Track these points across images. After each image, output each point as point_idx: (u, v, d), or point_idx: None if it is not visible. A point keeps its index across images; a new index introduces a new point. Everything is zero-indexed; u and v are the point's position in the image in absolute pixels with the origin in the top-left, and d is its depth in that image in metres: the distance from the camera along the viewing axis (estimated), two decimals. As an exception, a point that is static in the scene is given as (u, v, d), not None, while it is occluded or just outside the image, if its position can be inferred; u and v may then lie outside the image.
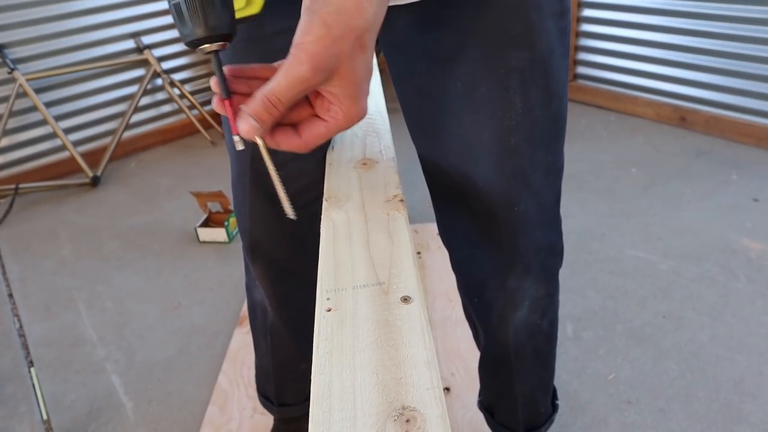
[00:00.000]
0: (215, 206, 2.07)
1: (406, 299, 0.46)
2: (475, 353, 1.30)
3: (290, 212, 0.55)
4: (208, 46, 0.51)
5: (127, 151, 2.71)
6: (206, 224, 2.04)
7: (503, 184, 0.74)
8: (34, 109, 2.43)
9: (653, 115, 2.63)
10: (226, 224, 2.00)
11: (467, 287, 0.92)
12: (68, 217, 2.26)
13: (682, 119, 2.54)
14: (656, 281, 1.67)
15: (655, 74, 2.60)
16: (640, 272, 1.71)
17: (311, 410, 0.38)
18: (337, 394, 0.39)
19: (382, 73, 0.95)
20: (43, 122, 2.47)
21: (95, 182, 2.46)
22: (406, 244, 0.53)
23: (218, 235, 2.01)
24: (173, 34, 2.76)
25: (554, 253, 0.85)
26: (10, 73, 2.32)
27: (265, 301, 0.99)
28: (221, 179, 2.43)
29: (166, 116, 2.84)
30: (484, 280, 0.86)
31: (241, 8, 0.57)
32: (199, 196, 2.04)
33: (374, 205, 0.59)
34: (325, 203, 0.60)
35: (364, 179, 0.64)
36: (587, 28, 2.77)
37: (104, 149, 2.60)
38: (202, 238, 2.03)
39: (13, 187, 2.33)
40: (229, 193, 1.99)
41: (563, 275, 0.90)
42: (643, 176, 2.20)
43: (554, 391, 1.06)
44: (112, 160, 2.60)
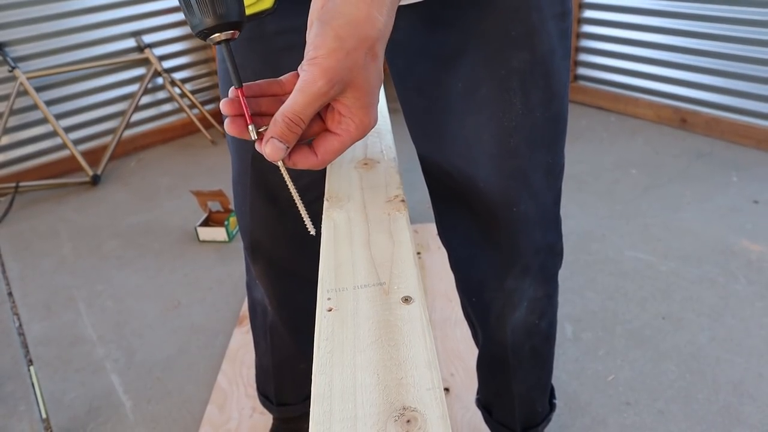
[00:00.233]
0: (215, 205, 2.07)
1: (406, 299, 0.46)
2: (474, 354, 1.30)
3: (312, 229, 0.55)
4: (218, 35, 0.50)
5: (127, 150, 2.71)
6: (206, 223, 2.04)
7: (503, 184, 0.74)
8: (34, 107, 2.43)
9: (653, 116, 2.63)
10: (226, 223, 2.00)
11: (466, 287, 0.92)
12: (68, 215, 2.26)
13: (682, 121, 2.54)
14: (656, 282, 1.67)
15: (655, 76, 2.60)
16: (639, 273, 1.71)
17: (312, 410, 0.38)
18: (337, 393, 0.39)
19: (383, 73, 0.95)
20: (43, 121, 2.47)
21: (95, 181, 2.46)
22: (406, 244, 0.53)
23: (218, 234, 2.01)
24: (174, 33, 2.76)
25: (553, 253, 0.85)
26: (10, 71, 2.32)
27: (265, 300, 0.99)
28: (221, 178, 2.43)
29: (166, 115, 2.84)
30: (482, 280, 0.86)
31: (253, 3, 0.56)
32: (199, 195, 2.04)
33: (375, 205, 0.59)
34: (326, 203, 0.60)
35: (365, 179, 0.64)
36: (588, 29, 2.77)
37: (104, 148, 2.60)
38: (202, 237, 2.03)
39: (13, 185, 2.33)
40: (229, 192, 1.99)
41: (563, 276, 0.90)
42: (643, 177, 2.20)
43: (552, 390, 1.06)
44: (112, 158, 2.60)
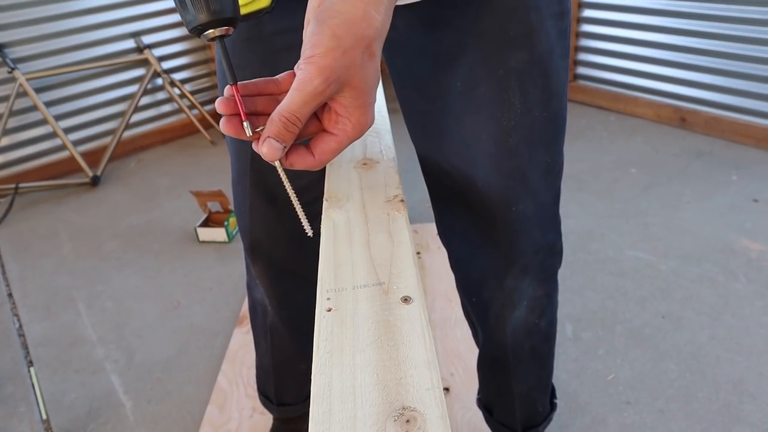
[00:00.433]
0: (215, 206, 2.07)
1: (406, 299, 0.46)
2: (474, 353, 1.30)
3: (309, 231, 0.55)
4: (212, 31, 0.50)
5: (127, 150, 2.71)
6: (206, 224, 2.04)
7: (502, 184, 0.74)
8: (34, 108, 2.43)
9: (653, 115, 2.63)
10: (225, 224, 2.00)
11: (466, 286, 0.92)
12: (68, 216, 2.26)
13: (681, 120, 2.54)
14: (656, 282, 1.67)
15: (655, 75, 2.60)
16: (639, 273, 1.71)
17: (311, 410, 0.38)
18: (337, 393, 0.39)
19: (381, 72, 0.95)
20: (43, 122, 2.47)
21: (95, 182, 2.46)
22: (406, 244, 0.53)
23: (218, 234, 2.01)
24: (173, 33, 2.75)
25: (553, 253, 0.85)
26: (10, 72, 2.32)
27: (265, 300, 0.99)
28: (221, 179, 2.43)
29: (166, 116, 2.84)
30: (482, 279, 0.86)
31: (251, 1, 0.56)
32: (198, 195, 2.04)
33: (374, 205, 0.59)
34: (325, 203, 0.60)
35: (364, 179, 0.64)
36: (587, 28, 2.77)
37: (104, 149, 2.60)
38: (201, 237, 2.03)
39: (13, 186, 2.33)
40: (229, 192, 1.99)
41: (563, 275, 0.90)
42: (642, 177, 2.20)
43: (553, 390, 1.06)
44: (112, 159, 2.60)
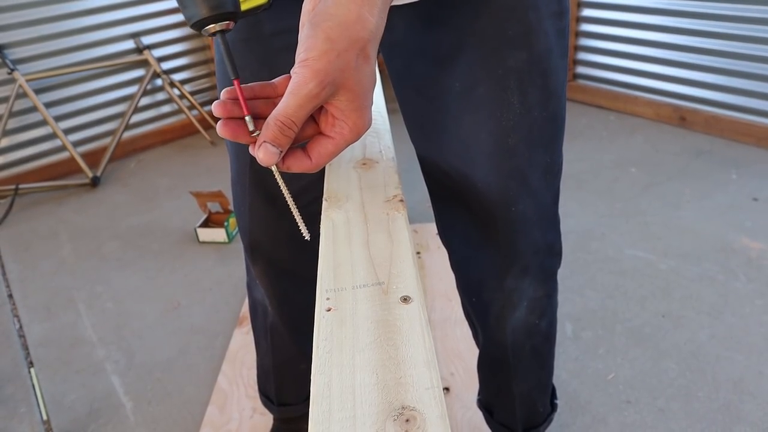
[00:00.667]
0: (215, 206, 2.07)
1: (405, 299, 0.46)
2: (474, 353, 1.30)
3: (306, 234, 0.55)
4: (213, 26, 0.50)
5: (126, 151, 2.71)
6: (206, 224, 2.04)
7: (501, 184, 0.74)
8: (34, 109, 2.43)
9: (653, 114, 2.63)
10: (225, 224, 2.00)
11: (466, 287, 0.92)
12: (68, 217, 2.26)
13: (681, 119, 2.54)
14: (656, 281, 1.67)
15: (654, 74, 2.60)
16: (639, 272, 1.71)
17: (311, 410, 0.38)
18: (336, 393, 0.39)
19: (381, 73, 0.95)
20: (43, 123, 2.47)
21: (95, 182, 2.46)
22: (405, 244, 0.53)
23: (218, 235, 2.01)
24: (173, 34, 2.76)
25: (553, 253, 0.85)
26: (10, 73, 2.32)
27: (265, 300, 0.99)
28: (221, 179, 2.43)
29: (165, 116, 2.84)
30: (482, 279, 0.86)
31: None
32: (198, 196, 2.05)
33: (374, 205, 0.59)
34: (324, 203, 0.60)
35: (363, 179, 0.64)
36: (587, 27, 2.77)
37: (104, 150, 2.60)
38: (201, 238, 2.03)
39: (13, 187, 2.33)
40: (228, 193, 1.99)
41: (562, 275, 0.90)
42: (642, 176, 2.20)
43: (553, 390, 1.06)
44: (111, 160, 2.60)
